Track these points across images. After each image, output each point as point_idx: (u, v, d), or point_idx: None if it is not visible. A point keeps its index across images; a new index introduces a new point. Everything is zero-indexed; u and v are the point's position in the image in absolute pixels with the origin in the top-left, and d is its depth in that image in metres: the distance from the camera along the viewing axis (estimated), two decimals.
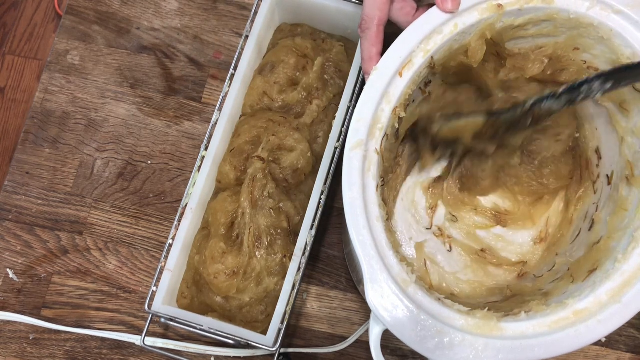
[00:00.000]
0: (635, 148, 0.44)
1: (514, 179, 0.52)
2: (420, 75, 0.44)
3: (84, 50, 0.62)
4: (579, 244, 0.48)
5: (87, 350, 0.55)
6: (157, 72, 0.61)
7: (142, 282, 0.56)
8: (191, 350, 0.54)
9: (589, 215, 0.48)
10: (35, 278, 0.57)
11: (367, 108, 0.42)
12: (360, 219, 0.40)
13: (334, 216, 0.57)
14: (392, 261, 0.39)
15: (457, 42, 0.44)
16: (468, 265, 0.52)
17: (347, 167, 0.41)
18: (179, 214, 0.50)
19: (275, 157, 0.51)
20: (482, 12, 0.43)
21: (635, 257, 0.39)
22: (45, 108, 0.61)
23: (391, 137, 0.45)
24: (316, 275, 0.56)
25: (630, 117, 0.44)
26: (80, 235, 0.58)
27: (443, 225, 0.53)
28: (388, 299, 0.38)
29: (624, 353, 0.54)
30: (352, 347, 0.54)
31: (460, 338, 0.38)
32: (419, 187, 0.54)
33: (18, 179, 0.59)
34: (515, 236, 0.53)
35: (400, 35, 0.43)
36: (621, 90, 0.45)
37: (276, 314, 0.47)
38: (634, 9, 0.41)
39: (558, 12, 0.43)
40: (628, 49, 0.42)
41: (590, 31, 0.43)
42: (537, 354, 0.37)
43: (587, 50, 0.45)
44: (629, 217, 0.42)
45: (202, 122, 0.60)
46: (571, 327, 0.37)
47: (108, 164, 0.59)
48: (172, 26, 0.63)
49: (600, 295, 0.38)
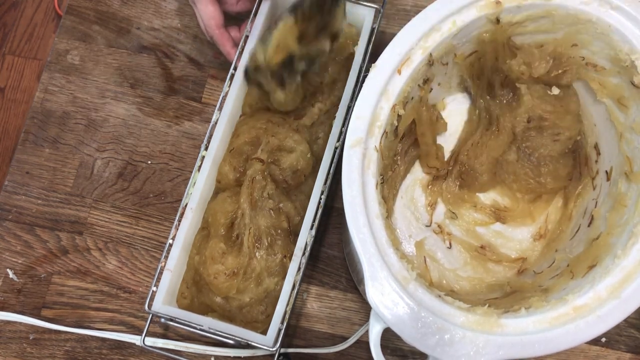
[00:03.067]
0: (634, 144, 0.44)
1: (512, 176, 0.52)
2: (419, 72, 0.44)
3: (84, 50, 0.62)
4: (578, 240, 0.48)
5: (87, 350, 0.55)
6: (157, 72, 0.61)
7: (142, 282, 0.56)
8: (191, 350, 0.54)
9: (588, 211, 0.48)
10: (35, 278, 0.57)
11: (366, 106, 0.42)
12: (360, 216, 0.40)
13: (334, 216, 0.57)
14: (392, 259, 0.39)
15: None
16: (468, 262, 0.52)
17: (346, 164, 0.41)
18: (179, 214, 0.50)
19: (275, 158, 0.51)
20: (481, 9, 0.43)
21: (634, 253, 0.39)
22: (45, 108, 0.61)
23: (390, 135, 0.45)
24: (316, 275, 0.56)
25: (629, 113, 0.44)
26: (80, 235, 0.58)
27: (442, 222, 0.53)
28: (388, 296, 0.38)
29: (624, 353, 0.54)
30: (352, 347, 0.54)
31: (461, 335, 0.38)
32: (418, 185, 0.54)
33: (18, 179, 0.59)
34: (515, 233, 0.53)
35: (399, 33, 0.43)
36: (620, 86, 0.45)
37: (276, 314, 0.46)
38: (632, 5, 0.41)
39: (556, 8, 0.43)
40: (626, 44, 0.42)
41: (589, 27, 0.43)
42: (538, 349, 0.37)
43: (585, 46, 0.45)
44: (628, 213, 0.42)
45: (202, 122, 0.60)
46: (571, 323, 0.38)
47: (108, 164, 0.59)
48: (172, 26, 0.63)
49: (599, 291, 0.38)
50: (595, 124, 0.50)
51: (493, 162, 0.52)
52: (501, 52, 0.48)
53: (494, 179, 0.53)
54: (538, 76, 0.49)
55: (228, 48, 0.54)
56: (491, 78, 0.51)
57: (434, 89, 0.52)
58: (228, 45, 0.54)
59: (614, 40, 0.42)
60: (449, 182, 0.54)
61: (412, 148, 0.53)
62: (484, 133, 0.53)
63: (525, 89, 0.50)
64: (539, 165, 0.52)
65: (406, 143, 0.53)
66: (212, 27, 0.53)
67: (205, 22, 0.53)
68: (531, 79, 0.50)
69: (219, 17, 0.52)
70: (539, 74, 0.49)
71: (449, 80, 0.53)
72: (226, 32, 0.53)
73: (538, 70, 0.48)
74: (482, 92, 0.53)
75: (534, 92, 0.50)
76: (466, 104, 0.56)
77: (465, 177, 0.53)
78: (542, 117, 0.51)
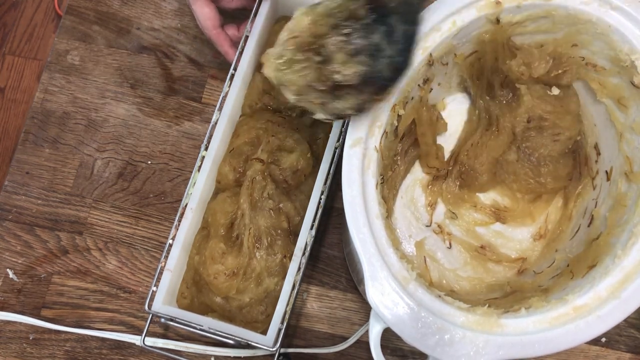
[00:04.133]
0: (634, 144, 0.44)
1: (512, 176, 0.52)
2: (419, 72, 0.44)
3: (84, 50, 0.62)
4: (578, 240, 0.48)
5: (87, 350, 0.55)
6: (157, 72, 0.61)
7: (142, 282, 0.56)
8: (191, 350, 0.54)
9: (588, 211, 0.48)
10: (35, 278, 0.57)
11: None
12: (360, 216, 0.40)
13: (334, 216, 0.57)
14: (392, 258, 0.39)
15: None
16: (468, 262, 0.52)
17: (346, 164, 0.41)
18: (179, 214, 0.50)
19: (275, 158, 0.51)
20: (481, 9, 0.43)
21: (634, 253, 0.39)
22: (45, 108, 0.61)
23: (390, 135, 0.45)
24: (316, 275, 0.56)
25: (629, 113, 0.44)
26: (80, 235, 0.58)
27: (442, 222, 0.53)
28: (388, 296, 0.38)
29: (624, 353, 0.54)
30: (352, 347, 0.54)
31: (461, 335, 0.38)
32: (418, 185, 0.54)
33: (18, 179, 0.59)
34: (515, 233, 0.53)
35: None
36: (620, 86, 0.45)
37: (276, 314, 0.46)
38: (632, 5, 0.41)
39: (556, 8, 0.43)
40: (626, 44, 0.42)
41: (589, 27, 0.43)
42: (538, 350, 0.37)
43: (585, 46, 0.45)
44: (628, 213, 0.42)
45: (202, 122, 0.60)
46: (571, 323, 0.38)
47: (108, 164, 0.59)
48: (172, 26, 0.63)
49: (600, 291, 0.38)
50: (595, 124, 0.50)
51: (493, 162, 0.52)
52: (501, 52, 0.48)
53: (494, 179, 0.53)
54: (538, 76, 0.49)
55: (226, 47, 0.54)
56: (491, 78, 0.51)
57: (434, 89, 0.52)
58: (226, 44, 0.54)
59: (614, 41, 0.42)
60: (449, 182, 0.54)
61: (412, 148, 0.53)
62: (483, 133, 0.53)
63: (525, 89, 0.50)
64: (539, 165, 0.52)
65: (406, 143, 0.53)
66: (209, 28, 0.53)
67: (202, 23, 0.53)
68: (531, 79, 0.50)
69: (216, 18, 0.53)
70: (538, 74, 0.49)
71: (449, 80, 0.53)
72: (223, 32, 0.54)
73: (538, 70, 0.48)
74: (482, 92, 0.53)
75: (534, 93, 0.50)
76: (466, 104, 0.56)
77: (465, 177, 0.53)
78: (542, 117, 0.51)
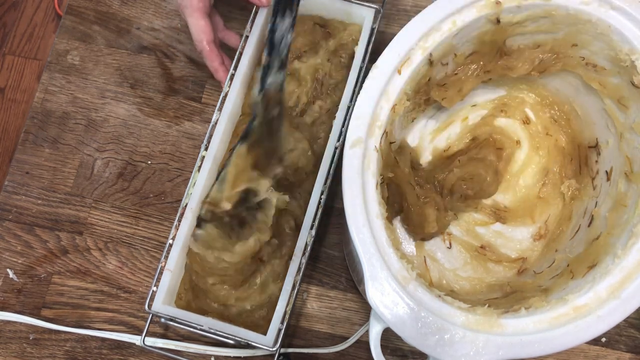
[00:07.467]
0: (634, 144, 0.44)
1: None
2: (419, 72, 0.44)
3: (84, 50, 0.62)
4: (578, 240, 0.48)
5: (87, 350, 0.55)
6: (157, 72, 0.61)
7: (142, 282, 0.56)
8: (191, 350, 0.54)
9: (588, 211, 0.48)
10: (35, 278, 0.57)
11: (366, 106, 0.42)
12: (360, 216, 0.40)
13: (334, 216, 0.57)
14: (392, 259, 0.39)
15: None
16: (468, 262, 0.52)
17: (346, 164, 0.41)
18: (179, 214, 0.50)
19: None
20: (481, 9, 0.43)
21: (634, 253, 0.39)
22: (45, 108, 0.61)
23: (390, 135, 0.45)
24: (316, 275, 0.56)
25: (629, 113, 0.44)
26: (80, 235, 0.58)
27: None
28: (388, 296, 0.38)
29: (624, 353, 0.54)
30: (352, 347, 0.54)
31: (461, 334, 0.38)
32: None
33: (18, 179, 0.59)
34: (515, 233, 0.53)
35: (399, 33, 0.43)
36: (620, 86, 0.45)
37: (276, 314, 0.46)
38: (632, 5, 0.41)
39: (556, 8, 0.43)
40: (626, 44, 0.42)
41: (589, 27, 0.43)
42: (537, 350, 0.37)
43: (585, 46, 0.45)
44: (628, 213, 0.42)
45: (202, 122, 0.60)
46: (571, 323, 0.38)
47: (108, 164, 0.59)
48: (172, 26, 0.63)
49: (599, 291, 0.38)
50: (595, 124, 0.50)
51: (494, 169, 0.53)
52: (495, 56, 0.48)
53: (497, 181, 0.53)
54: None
55: (216, 64, 0.53)
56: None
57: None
58: (216, 61, 0.53)
59: (614, 41, 0.42)
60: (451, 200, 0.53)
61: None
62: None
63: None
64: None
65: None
66: (202, 42, 0.52)
67: (195, 36, 0.52)
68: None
69: (210, 33, 0.52)
70: (520, 73, 0.49)
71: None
72: (216, 49, 0.53)
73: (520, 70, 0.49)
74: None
75: None
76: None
77: (471, 194, 0.53)
78: None
